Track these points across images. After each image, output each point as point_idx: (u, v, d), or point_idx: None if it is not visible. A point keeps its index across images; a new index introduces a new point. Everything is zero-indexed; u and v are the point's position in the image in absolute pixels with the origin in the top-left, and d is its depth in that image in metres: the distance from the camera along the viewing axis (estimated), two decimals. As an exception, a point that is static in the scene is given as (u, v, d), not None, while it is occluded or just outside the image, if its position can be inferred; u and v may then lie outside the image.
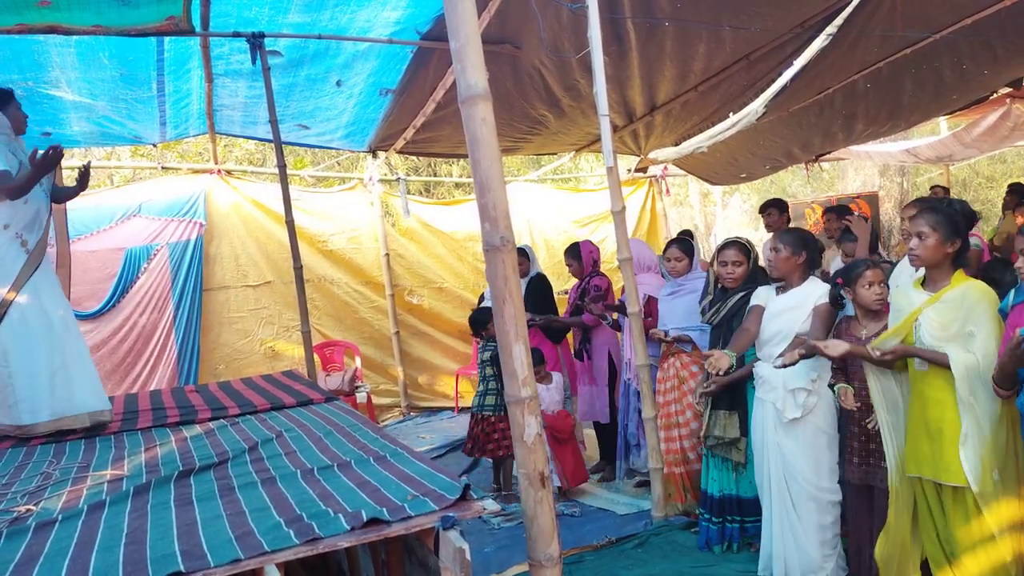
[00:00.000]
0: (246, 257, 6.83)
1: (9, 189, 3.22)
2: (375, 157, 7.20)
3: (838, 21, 3.57)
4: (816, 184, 16.30)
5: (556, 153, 8.18)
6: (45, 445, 3.10)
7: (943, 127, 9.09)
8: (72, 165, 6.34)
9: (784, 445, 3.15)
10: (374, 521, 1.82)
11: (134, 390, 6.09)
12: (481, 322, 4.79)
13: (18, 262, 3.25)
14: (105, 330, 6.23)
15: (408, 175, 9.92)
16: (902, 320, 2.67)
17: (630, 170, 8.49)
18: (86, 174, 3.66)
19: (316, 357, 5.40)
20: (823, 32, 3.61)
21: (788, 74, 3.79)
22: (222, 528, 1.88)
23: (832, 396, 3.05)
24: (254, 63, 4.40)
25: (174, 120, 5.65)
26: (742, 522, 3.59)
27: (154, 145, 6.50)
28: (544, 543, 2.03)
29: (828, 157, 8.52)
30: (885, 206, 9.96)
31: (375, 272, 7.47)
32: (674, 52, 4.62)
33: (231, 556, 1.69)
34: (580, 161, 11.51)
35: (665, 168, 8.97)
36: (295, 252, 4.74)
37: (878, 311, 2.94)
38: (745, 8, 4.01)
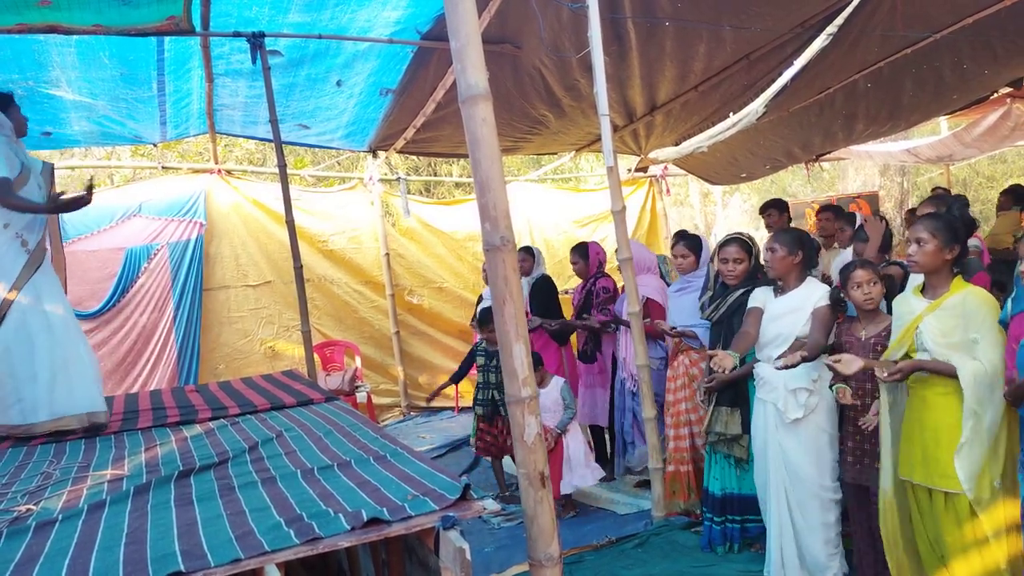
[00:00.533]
0: (246, 257, 6.83)
1: (6, 201, 3.18)
2: (375, 157, 7.20)
3: (838, 21, 3.57)
4: (816, 184, 16.29)
5: (556, 153, 8.18)
6: (45, 445, 3.09)
7: (943, 127, 9.08)
8: (71, 165, 6.33)
9: (786, 445, 3.15)
10: (374, 521, 1.82)
11: (134, 390, 6.10)
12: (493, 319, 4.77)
13: (18, 262, 3.23)
14: (105, 330, 6.24)
15: (408, 175, 9.92)
16: (903, 329, 2.65)
17: (630, 170, 8.49)
18: (89, 191, 3.47)
19: (316, 357, 5.40)
20: (823, 32, 3.62)
21: (788, 74, 3.79)
22: (222, 528, 1.88)
23: (832, 395, 3.05)
24: (254, 63, 4.40)
25: (174, 120, 5.65)
26: (743, 522, 3.59)
27: (154, 145, 6.50)
28: (544, 543, 2.03)
29: (828, 157, 8.52)
30: (885, 206, 9.96)
31: (375, 272, 7.48)
32: (674, 52, 4.62)
33: (231, 556, 1.69)
34: (580, 161, 11.51)
35: (665, 168, 8.97)
36: (295, 252, 4.74)
37: (874, 311, 2.95)
38: (745, 8, 4.01)
